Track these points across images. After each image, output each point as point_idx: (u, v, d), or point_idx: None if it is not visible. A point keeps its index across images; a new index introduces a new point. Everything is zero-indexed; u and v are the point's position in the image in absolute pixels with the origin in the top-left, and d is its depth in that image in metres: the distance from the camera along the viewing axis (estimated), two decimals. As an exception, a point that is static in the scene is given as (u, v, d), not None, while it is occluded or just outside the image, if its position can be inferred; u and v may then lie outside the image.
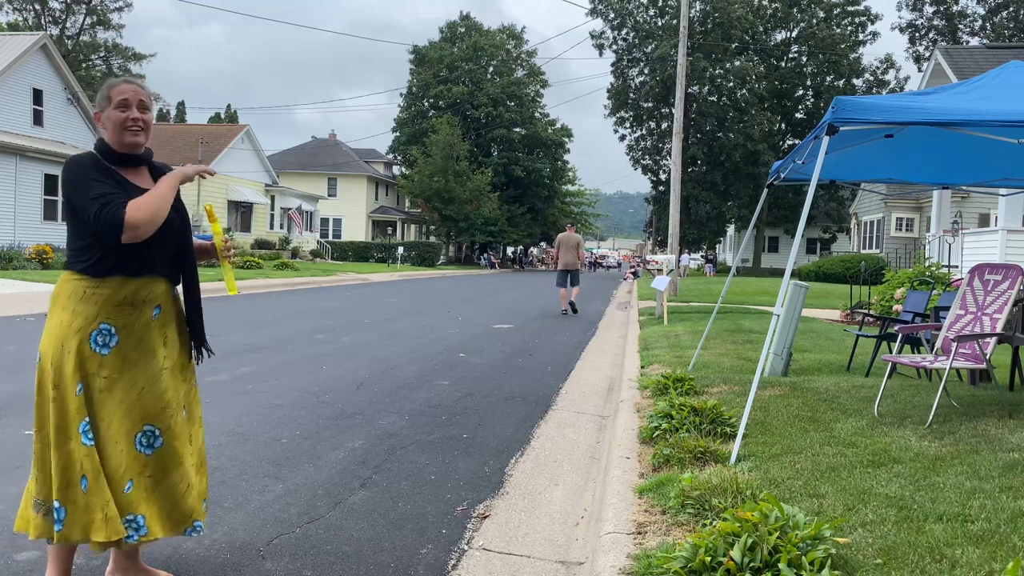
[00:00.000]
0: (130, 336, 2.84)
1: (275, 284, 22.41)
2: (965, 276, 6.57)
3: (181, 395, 2.99)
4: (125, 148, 2.85)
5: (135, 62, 57.11)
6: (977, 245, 17.12)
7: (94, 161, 2.81)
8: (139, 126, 2.84)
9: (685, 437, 4.64)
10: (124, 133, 2.82)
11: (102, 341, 2.78)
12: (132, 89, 2.85)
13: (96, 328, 2.78)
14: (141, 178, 2.90)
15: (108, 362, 2.79)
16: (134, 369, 2.84)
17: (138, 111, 2.83)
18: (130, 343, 2.84)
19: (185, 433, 2.98)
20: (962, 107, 5.00)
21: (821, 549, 2.70)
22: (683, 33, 21.40)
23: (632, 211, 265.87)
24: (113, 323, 2.80)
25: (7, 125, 25.86)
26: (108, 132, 2.85)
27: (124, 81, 2.88)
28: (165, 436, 2.90)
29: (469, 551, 3.50)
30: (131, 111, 2.82)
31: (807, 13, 53.39)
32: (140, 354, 2.86)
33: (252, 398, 6.59)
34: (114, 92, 2.83)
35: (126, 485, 2.79)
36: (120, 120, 2.81)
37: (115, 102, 2.82)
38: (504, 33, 66.18)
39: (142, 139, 2.86)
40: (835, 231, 54.27)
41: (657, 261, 38.31)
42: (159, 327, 2.93)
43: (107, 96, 2.84)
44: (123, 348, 2.83)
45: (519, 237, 62.79)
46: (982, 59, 20.79)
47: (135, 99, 2.83)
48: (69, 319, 2.77)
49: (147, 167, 2.95)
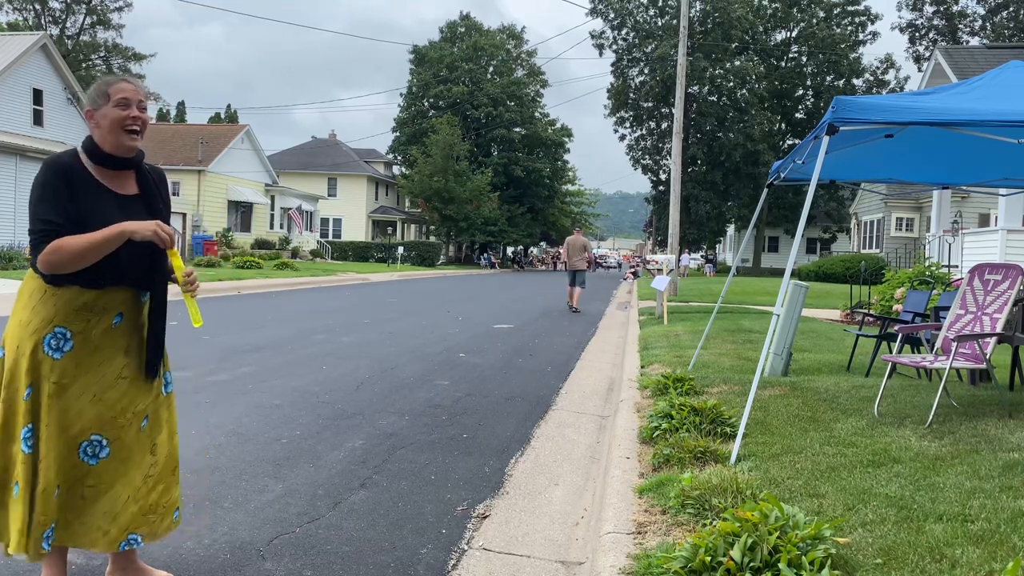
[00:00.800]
0: (86, 342, 2.71)
1: (275, 284, 22.41)
2: (965, 276, 6.57)
3: (141, 405, 2.84)
4: (120, 150, 2.73)
5: (135, 62, 57.11)
6: (977, 245, 17.12)
7: (69, 168, 2.66)
8: (138, 126, 2.71)
9: (685, 437, 4.64)
10: (122, 134, 2.69)
11: (55, 345, 2.67)
12: (132, 88, 2.73)
13: (51, 331, 2.66)
14: (125, 183, 2.78)
15: (60, 367, 2.67)
16: (87, 375, 2.71)
17: (138, 111, 2.71)
18: (86, 349, 2.71)
19: (140, 445, 2.84)
20: (962, 107, 5.00)
21: (821, 549, 2.70)
22: (683, 33, 21.40)
23: (632, 211, 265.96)
24: (69, 327, 2.68)
25: (7, 125, 25.87)
26: (102, 131, 2.70)
27: (123, 79, 2.76)
28: (112, 447, 2.76)
29: (469, 551, 3.50)
30: (131, 110, 2.69)
31: (807, 13, 53.41)
32: (96, 361, 2.73)
33: (252, 398, 6.59)
34: (113, 89, 2.70)
35: (54, 492, 2.67)
36: (119, 119, 2.68)
37: (114, 100, 2.68)
38: (504, 33, 66.20)
39: (139, 141, 2.75)
40: (835, 231, 54.28)
41: (657, 261, 38.37)
42: (121, 334, 2.79)
43: (105, 93, 2.70)
44: (77, 354, 2.70)
45: (519, 237, 62.80)
46: (982, 59, 20.79)
47: (135, 98, 2.71)
48: (28, 318, 2.68)
49: (135, 170, 2.82)
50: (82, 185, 2.65)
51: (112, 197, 2.71)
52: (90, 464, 2.72)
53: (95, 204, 2.66)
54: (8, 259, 21.84)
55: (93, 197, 2.67)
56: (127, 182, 2.79)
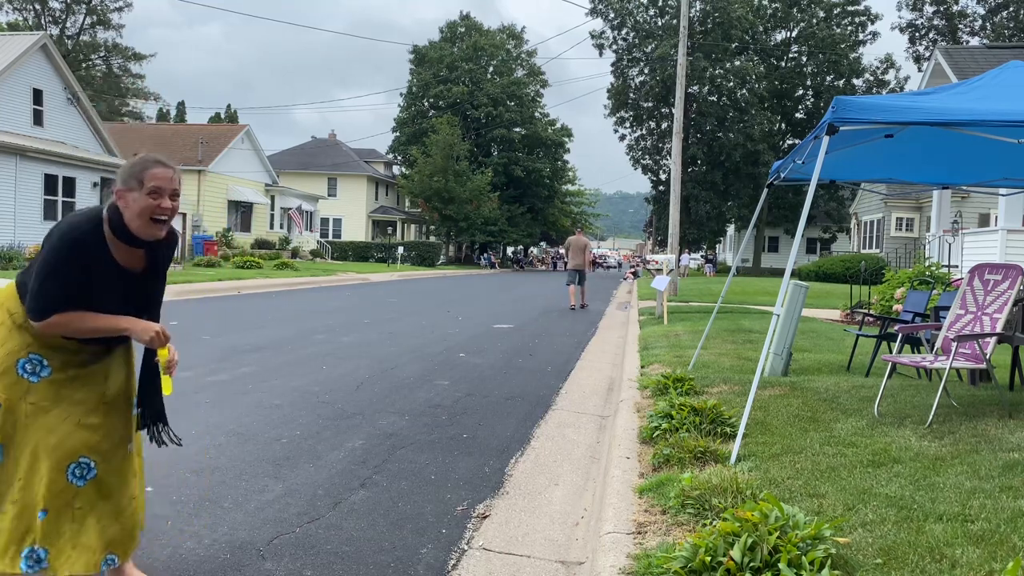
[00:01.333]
0: (66, 369, 2.68)
1: (275, 284, 22.41)
2: (965, 276, 6.57)
3: (125, 429, 2.84)
4: (144, 235, 2.66)
5: (135, 62, 57.13)
6: (977, 245, 17.12)
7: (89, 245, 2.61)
8: (167, 216, 2.65)
9: (685, 437, 4.64)
10: (150, 224, 2.63)
11: (31, 369, 2.64)
12: (168, 175, 2.64)
13: (25, 357, 2.63)
14: (134, 258, 2.73)
15: (38, 389, 2.63)
16: (66, 403, 2.67)
17: (169, 200, 2.64)
18: (64, 376, 2.68)
19: (128, 467, 2.84)
20: (962, 107, 5.00)
21: (821, 549, 2.70)
22: (683, 33, 21.40)
23: (632, 211, 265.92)
24: (45, 356, 2.66)
25: (7, 125, 25.86)
26: (129, 213, 2.62)
27: (159, 164, 2.66)
28: (100, 468, 2.73)
29: (469, 551, 3.50)
30: (163, 199, 2.62)
31: (807, 13, 53.40)
32: (76, 388, 2.69)
33: (252, 398, 6.59)
34: (147, 176, 2.60)
35: (39, 514, 2.62)
36: (150, 208, 2.61)
37: (148, 188, 2.60)
38: (504, 33, 66.19)
39: (165, 229, 2.69)
40: (835, 231, 54.27)
41: (657, 261, 38.35)
42: (102, 360, 2.78)
43: (139, 179, 2.61)
44: (55, 380, 2.66)
45: (519, 237, 62.79)
46: (982, 59, 20.78)
47: (169, 188, 2.63)
48: (4, 337, 2.65)
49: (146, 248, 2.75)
50: (96, 262, 2.62)
51: (119, 272, 2.70)
52: (78, 486, 2.68)
53: (103, 279, 2.66)
54: (8, 259, 21.83)
55: (102, 272, 2.65)
56: (136, 257, 2.75)
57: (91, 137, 30.43)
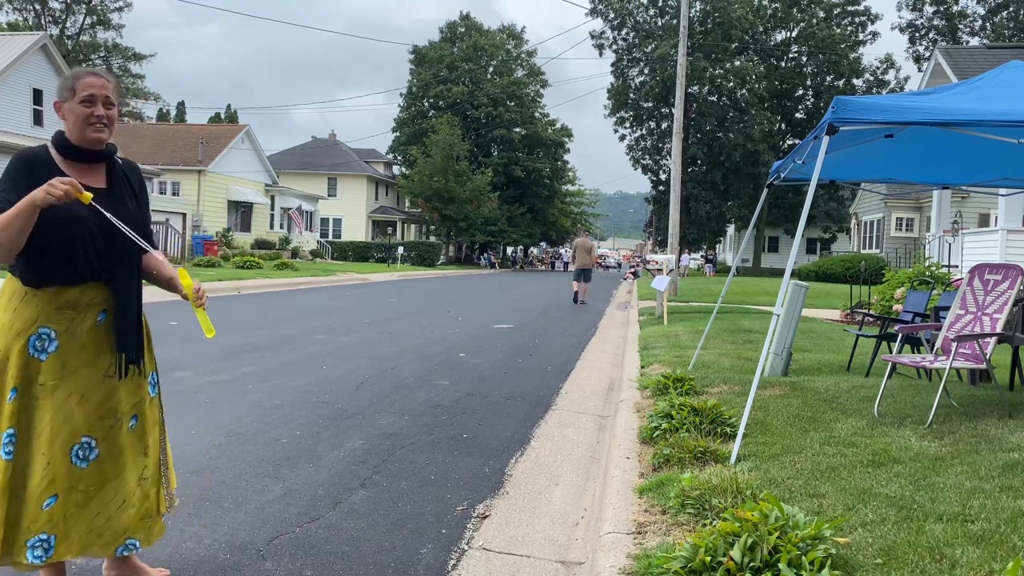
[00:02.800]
0: (71, 341, 2.68)
1: (275, 284, 22.41)
2: (965, 276, 6.57)
3: (127, 405, 2.80)
4: (87, 144, 2.72)
5: (135, 62, 57.13)
6: (977, 245, 17.12)
7: (35, 158, 2.66)
8: (103, 123, 2.70)
9: (685, 437, 4.64)
10: (87, 129, 2.68)
11: (40, 346, 2.64)
12: (100, 83, 2.70)
13: (35, 332, 2.63)
14: (93, 176, 2.75)
15: (46, 368, 2.64)
16: (74, 376, 2.68)
17: (103, 107, 2.69)
18: (71, 349, 2.68)
19: (131, 445, 2.81)
20: (962, 107, 5.00)
21: (821, 549, 2.70)
22: (683, 33, 21.40)
23: (632, 211, 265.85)
24: (54, 327, 2.65)
25: (7, 125, 25.86)
26: (69, 125, 2.70)
27: (90, 73, 2.72)
28: (101, 447, 2.73)
29: (469, 551, 3.50)
30: (96, 107, 2.67)
31: (807, 13, 53.40)
32: (81, 361, 2.70)
33: (252, 398, 6.59)
34: (79, 85, 2.68)
35: (47, 501, 2.61)
36: (84, 115, 2.67)
37: (79, 96, 2.66)
38: (504, 33, 66.20)
39: (105, 136, 2.73)
40: (835, 231, 54.27)
41: (657, 261, 38.32)
42: (106, 332, 2.75)
43: (71, 87, 2.68)
44: (63, 354, 2.67)
45: (519, 237, 62.79)
46: (982, 59, 20.78)
47: (101, 94, 2.68)
48: (10, 320, 2.64)
49: (106, 163, 2.80)
50: (44, 176, 2.57)
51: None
52: (81, 468, 2.68)
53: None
54: (8, 259, 21.82)
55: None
56: (95, 175, 2.76)
57: (91, 137, 30.42)
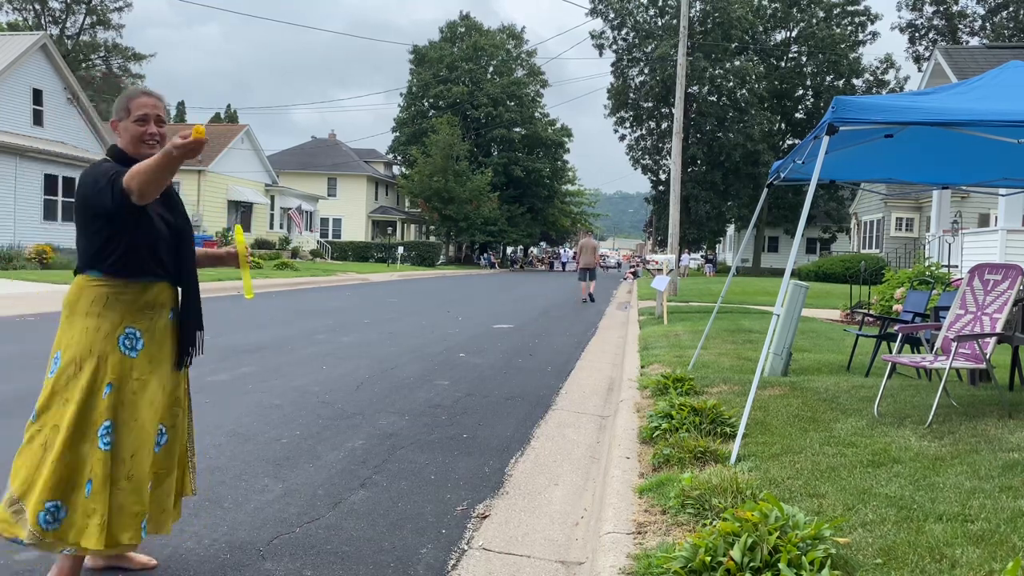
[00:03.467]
0: (153, 339, 2.96)
1: (275, 284, 22.41)
2: (965, 276, 6.57)
3: (182, 392, 3.11)
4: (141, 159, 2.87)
5: (135, 62, 57.09)
6: (977, 245, 17.12)
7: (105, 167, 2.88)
8: (155, 140, 2.93)
9: (685, 437, 4.64)
10: (141, 146, 2.91)
11: (130, 344, 2.89)
12: (152, 103, 2.94)
13: (123, 332, 2.88)
14: None
15: (138, 364, 2.90)
16: (159, 370, 2.95)
17: (155, 125, 2.93)
18: (153, 345, 2.95)
19: (182, 430, 3.11)
20: (962, 107, 5.00)
21: (821, 549, 2.70)
22: (683, 33, 21.39)
23: (632, 211, 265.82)
24: (138, 327, 2.91)
25: (7, 125, 25.85)
26: (123, 142, 2.94)
27: (143, 93, 2.96)
28: (169, 434, 3.00)
29: (469, 551, 3.50)
30: (149, 126, 2.91)
31: (807, 13, 53.39)
32: (162, 356, 2.98)
33: (252, 398, 6.59)
34: (133, 104, 2.92)
35: (147, 485, 2.87)
36: (138, 134, 2.91)
37: (134, 115, 2.90)
38: (504, 33, 66.17)
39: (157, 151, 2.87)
40: (835, 231, 54.26)
41: (657, 261, 38.33)
42: (173, 328, 3.06)
43: (126, 107, 2.92)
44: (148, 350, 2.93)
45: (519, 237, 62.79)
46: (982, 59, 20.77)
47: (154, 114, 2.93)
48: (96, 324, 2.85)
49: None
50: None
51: None
52: (156, 453, 2.93)
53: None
54: (8, 259, 21.82)
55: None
56: None
57: (91, 137, 30.41)
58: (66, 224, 26.11)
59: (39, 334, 10.12)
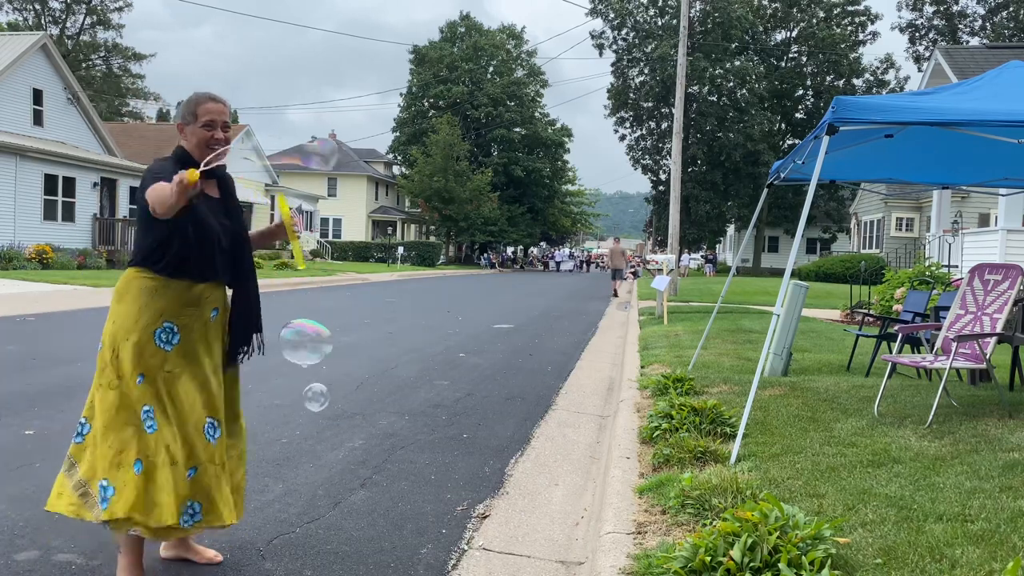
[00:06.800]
0: (191, 335, 3.00)
1: (275, 284, 22.41)
2: (965, 276, 6.57)
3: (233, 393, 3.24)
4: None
5: (135, 62, 57.10)
6: (977, 245, 17.11)
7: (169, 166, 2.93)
8: (220, 144, 2.99)
9: (685, 437, 4.64)
10: (207, 151, 2.96)
11: (165, 339, 2.94)
12: (219, 109, 3.01)
13: (160, 326, 2.93)
14: (209, 188, 3.06)
15: (171, 358, 2.95)
16: (195, 365, 3.00)
17: (221, 131, 3.01)
18: (191, 341, 3.00)
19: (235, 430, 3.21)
20: (962, 107, 5.00)
21: (821, 549, 2.70)
22: (683, 33, 21.39)
23: (632, 211, 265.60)
24: (176, 322, 2.96)
25: (7, 125, 25.86)
26: (190, 145, 3.00)
27: (210, 99, 3.01)
28: (221, 428, 3.07)
29: (469, 551, 3.50)
30: (215, 131, 2.98)
31: (807, 13, 53.39)
32: (199, 353, 3.02)
33: (252, 398, 6.58)
34: (201, 110, 2.98)
35: (188, 472, 2.91)
36: (205, 139, 2.97)
37: (201, 120, 2.97)
38: (504, 33, 66.18)
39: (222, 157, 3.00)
40: (835, 231, 54.24)
41: (657, 261, 38.30)
42: (218, 327, 3.13)
43: (193, 112, 2.99)
44: (184, 345, 2.98)
45: (519, 237, 62.80)
46: (982, 59, 20.76)
47: (220, 120, 3.00)
48: (137, 313, 2.92)
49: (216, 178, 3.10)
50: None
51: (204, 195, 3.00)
52: (213, 444, 3.01)
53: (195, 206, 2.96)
54: (8, 259, 21.82)
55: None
56: (210, 188, 3.08)
57: (91, 137, 30.42)
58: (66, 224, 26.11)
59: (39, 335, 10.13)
